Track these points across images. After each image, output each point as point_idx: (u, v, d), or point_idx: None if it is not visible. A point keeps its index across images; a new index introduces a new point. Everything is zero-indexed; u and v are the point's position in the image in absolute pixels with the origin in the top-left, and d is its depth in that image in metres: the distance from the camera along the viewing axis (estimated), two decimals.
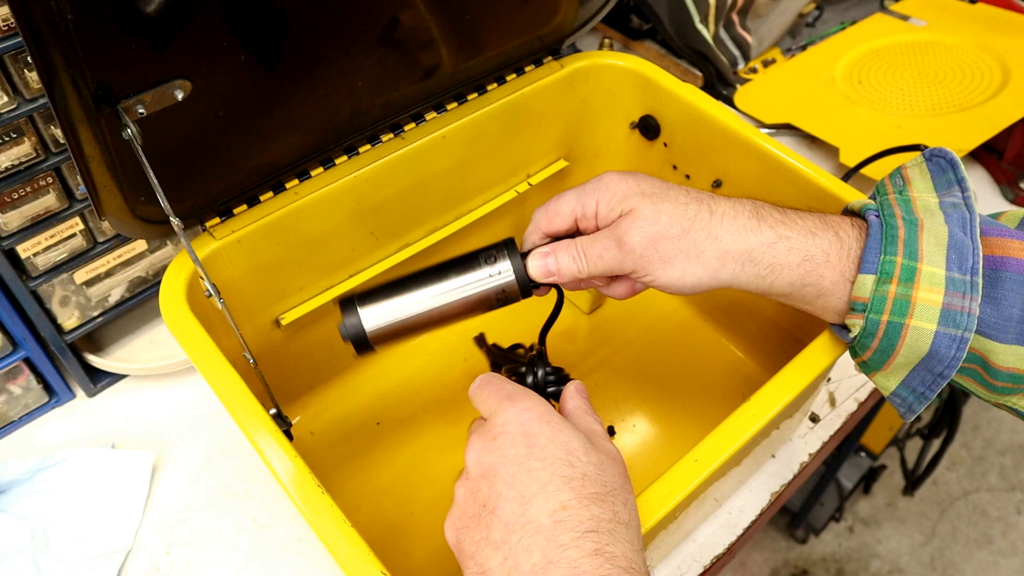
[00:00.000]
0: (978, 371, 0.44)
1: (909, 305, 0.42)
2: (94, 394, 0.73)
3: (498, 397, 0.42)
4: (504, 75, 0.68)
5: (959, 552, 1.68)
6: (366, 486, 0.67)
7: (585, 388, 0.47)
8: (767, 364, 0.73)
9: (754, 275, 0.46)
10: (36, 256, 0.62)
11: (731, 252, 0.45)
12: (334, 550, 0.40)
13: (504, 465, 0.38)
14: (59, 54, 0.39)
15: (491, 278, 0.49)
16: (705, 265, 0.45)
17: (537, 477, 0.37)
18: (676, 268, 0.46)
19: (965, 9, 1.09)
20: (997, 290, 0.42)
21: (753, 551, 1.68)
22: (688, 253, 0.45)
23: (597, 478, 0.38)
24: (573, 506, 0.36)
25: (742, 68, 1.05)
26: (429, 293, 0.49)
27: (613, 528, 0.36)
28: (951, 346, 0.42)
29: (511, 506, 0.37)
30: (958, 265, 0.42)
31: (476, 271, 0.49)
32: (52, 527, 0.63)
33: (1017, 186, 0.91)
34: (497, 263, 0.49)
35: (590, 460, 0.39)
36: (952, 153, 0.47)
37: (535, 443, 0.39)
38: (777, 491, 0.66)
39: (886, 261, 0.43)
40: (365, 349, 0.50)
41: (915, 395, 0.45)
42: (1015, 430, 1.86)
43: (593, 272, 0.48)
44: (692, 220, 0.46)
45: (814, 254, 0.45)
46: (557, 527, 0.36)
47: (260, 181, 0.57)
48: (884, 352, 0.44)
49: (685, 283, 0.46)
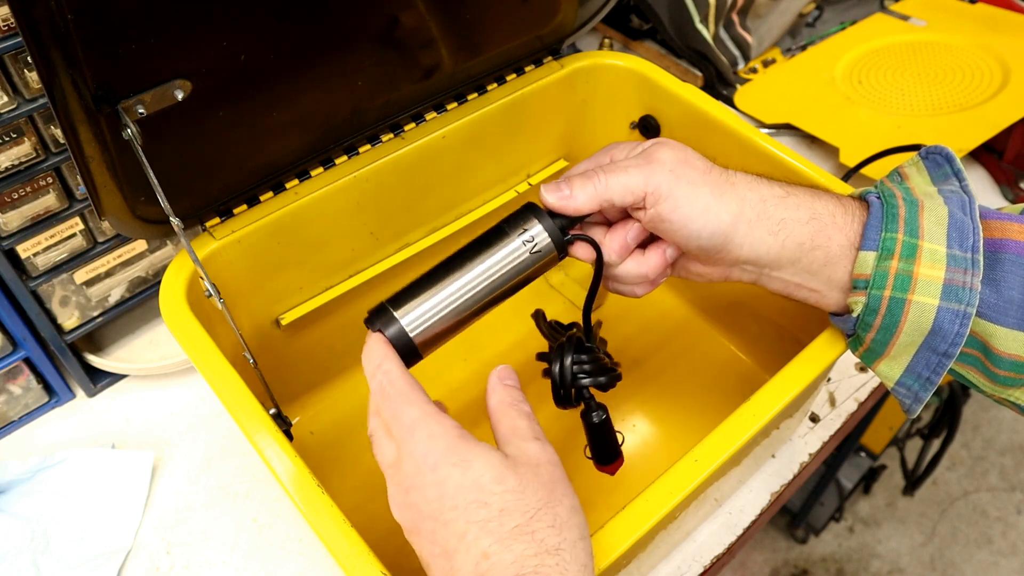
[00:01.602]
0: (980, 358, 0.44)
1: (911, 280, 0.42)
2: (94, 394, 0.73)
3: (402, 430, 0.39)
4: (504, 75, 0.68)
5: (959, 552, 1.68)
6: (366, 486, 0.66)
7: (512, 371, 0.44)
8: (767, 364, 0.73)
9: (767, 231, 0.45)
10: (36, 256, 0.62)
11: (748, 199, 0.45)
12: (334, 550, 0.40)
13: (423, 521, 0.37)
14: (59, 54, 0.39)
15: (525, 245, 0.46)
16: (727, 206, 0.44)
17: (454, 530, 0.36)
18: (700, 200, 0.44)
19: (965, 9, 1.09)
20: (996, 272, 0.42)
21: (753, 551, 1.68)
22: (712, 188, 0.44)
23: (516, 507, 0.36)
24: (495, 552, 0.35)
25: (742, 68, 1.05)
26: (467, 279, 0.45)
27: (539, 564, 0.35)
28: (954, 321, 0.42)
29: (439, 563, 0.36)
30: (959, 243, 0.42)
31: (508, 242, 0.46)
32: (52, 527, 0.63)
33: (1017, 186, 0.91)
34: (526, 229, 0.46)
35: (505, 488, 0.36)
36: (947, 149, 0.48)
37: (445, 491, 0.37)
38: (777, 491, 0.66)
39: (887, 238, 0.43)
40: (412, 359, 0.45)
41: (920, 382, 0.45)
42: (1015, 430, 1.86)
43: (612, 190, 0.45)
44: (711, 165, 0.46)
45: (821, 213, 0.45)
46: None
47: (260, 181, 0.57)
48: (887, 330, 0.44)
49: (707, 221, 0.44)
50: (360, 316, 0.47)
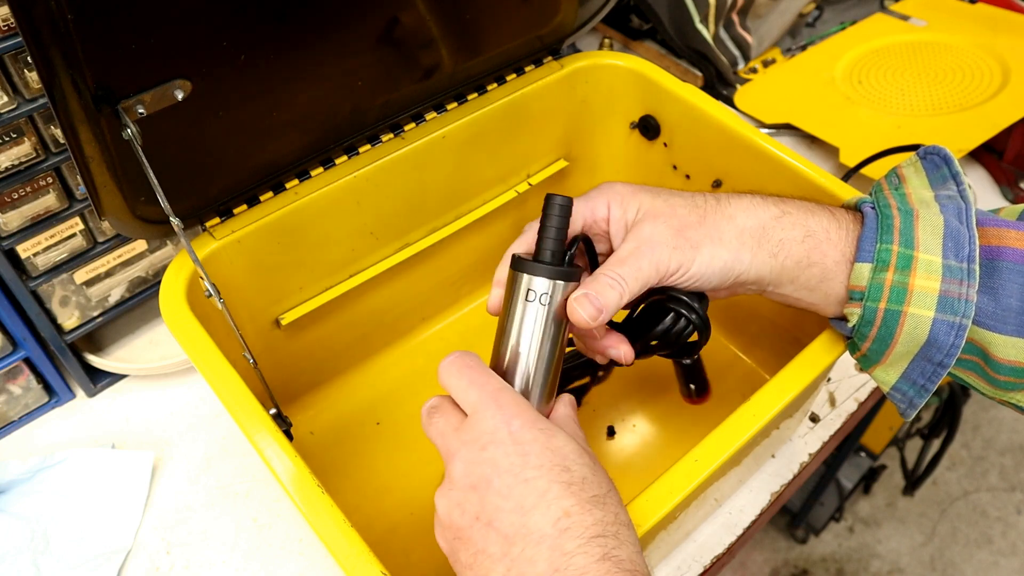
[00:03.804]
0: (979, 364, 0.44)
1: (907, 293, 0.42)
2: (94, 394, 0.73)
3: (481, 394, 0.40)
4: (504, 75, 0.68)
5: (959, 552, 1.68)
6: (366, 486, 0.67)
7: (575, 403, 0.46)
8: (767, 364, 0.73)
9: (768, 254, 0.46)
10: (36, 256, 0.62)
11: (747, 229, 0.46)
12: (334, 550, 0.40)
13: (498, 476, 0.37)
14: (59, 54, 0.39)
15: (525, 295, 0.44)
16: (728, 247, 0.45)
17: (535, 487, 0.37)
18: (705, 253, 0.45)
19: (965, 9, 1.09)
20: (994, 280, 0.42)
21: (753, 551, 1.68)
22: (711, 237, 0.45)
23: (595, 481, 0.38)
24: (576, 512, 0.36)
25: (742, 68, 1.05)
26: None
27: (617, 531, 0.36)
28: (949, 333, 0.42)
29: (510, 518, 0.36)
30: (955, 253, 0.42)
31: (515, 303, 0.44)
32: (52, 527, 0.63)
33: (1017, 186, 0.91)
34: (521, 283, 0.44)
35: (585, 463, 0.38)
36: (946, 150, 0.48)
37: (529, 452, 0.38)
38: (777, 491, 0.66)
39: (882, 249, 0.43)
40: None
41: (915, 388, 0.45)
42: (1015, 430, 1.86)
43: (634, 288, 0.44)
44: (704, 208, 0.47)
45: (815, 230, 0.46)
46: (562, 535, 0.35)
47: (260, 181, 0.57)
48: (882, 341, 0.44)
49: (713, 268, 0.45)
50: (360, 316, 0.47)
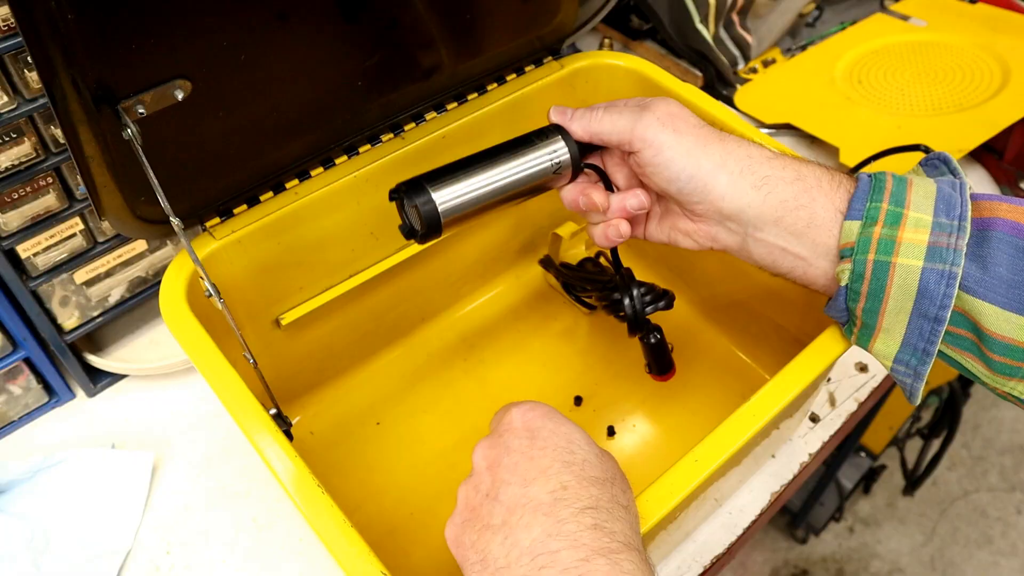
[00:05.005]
0: (974, 341, 0.44)
1: (894, 244, 0.43)
2: (94, 394, 0.73)
3: (504, 408, 0.44)
4: (504, 75, 0.68)
5: (959, 552, 1.68)
6: (366, 486, 0.67)
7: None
8: (767, 364, 0.73)
9: (751, 185, 0.47)
10: (36, 256, 0.62)
11: (733, 153, 0.48)
12: (334, 550, 0.40)
13: (508, 455, 0.40)
14: (59, 54, 0.39)
15: (548, 155, 0.52)
16: (710, 156, 0.48)
17: (539, 464, 0.39)
18: (683, 146, 0.48)
19: (965, 9, 1.09)
20: (984, 249, 0.42)
21: (753, 551, 1.68)
22: (698, 139, 0.48)
23: (597, 464, 0.40)
24: (572, 486, 0.38)
25: (742, 68, 1.05)
26: (494, 172, 0.51)
27: (612, 508, 0.38)
28: (940, 282, 0.42)
29: (513, 490, 0.39)
30: (945, 213, 0.43)
31: (535, 150, 0.52)
32: (52, 527, 0.63)
33: (1017, 186, 0.91)
34: (552, 144, 0.52)
35: (591, 450, 0.41)
36: (945, 153, 0.49)
37: (538, 435, 0.41)
38: (777, 491, 0.66)
39: (871, 207, 0.44)
40: (433, 234, 0.50)
41: (917, 355, 0.45)
42: (1015, 430, 1.86)
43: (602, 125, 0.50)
44: (703, 123, 0.50)
45: (807, 175, 0.47)
46: (557, 504, 0.37)
47: (260, 181, 0.57)
48: (875, 297, 0.44)
49: (687, 164, 0.48)
50: (360, 316, 0.47)
